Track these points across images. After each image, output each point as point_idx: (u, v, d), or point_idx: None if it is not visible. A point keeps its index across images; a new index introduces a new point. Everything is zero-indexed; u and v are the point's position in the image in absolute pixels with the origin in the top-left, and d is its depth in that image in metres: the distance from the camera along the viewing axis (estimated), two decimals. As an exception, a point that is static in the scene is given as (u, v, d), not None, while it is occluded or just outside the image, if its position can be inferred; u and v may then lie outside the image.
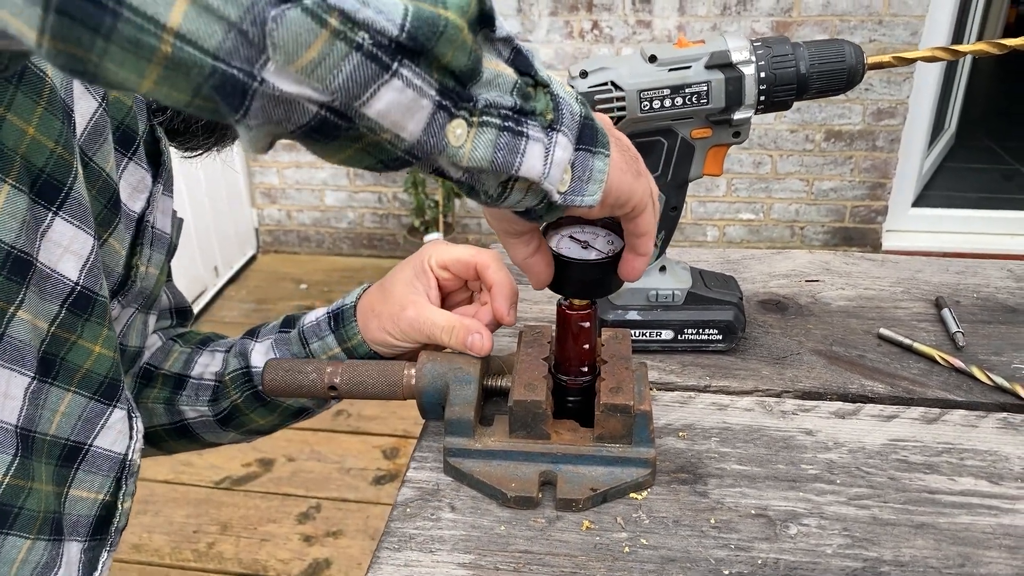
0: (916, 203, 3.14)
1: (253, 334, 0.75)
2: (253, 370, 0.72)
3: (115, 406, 0.57)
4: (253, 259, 3.27)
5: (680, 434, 0.68)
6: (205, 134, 0.64)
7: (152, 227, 0.62)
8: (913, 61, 0.68)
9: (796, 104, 3.17)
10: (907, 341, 0.77)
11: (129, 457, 0.59)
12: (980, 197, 3.33)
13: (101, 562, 0.57)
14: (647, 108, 0.68)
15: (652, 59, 0.68)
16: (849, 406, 0.70)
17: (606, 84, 0.67)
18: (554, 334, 0.65)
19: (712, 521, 0.58)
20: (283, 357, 0.69)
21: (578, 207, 0.44)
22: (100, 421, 0.56)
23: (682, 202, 0.74)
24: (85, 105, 0.52)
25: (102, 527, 0.58)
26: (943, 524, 0.58)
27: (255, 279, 3.15)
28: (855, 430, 0.67)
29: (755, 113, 0.68)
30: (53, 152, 0.48)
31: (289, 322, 0.74)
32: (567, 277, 0.57)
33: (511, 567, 0.55)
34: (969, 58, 3.52)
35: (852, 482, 0.62)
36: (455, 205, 3.00)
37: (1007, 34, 5.08)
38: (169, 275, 0.76)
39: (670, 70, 0.67)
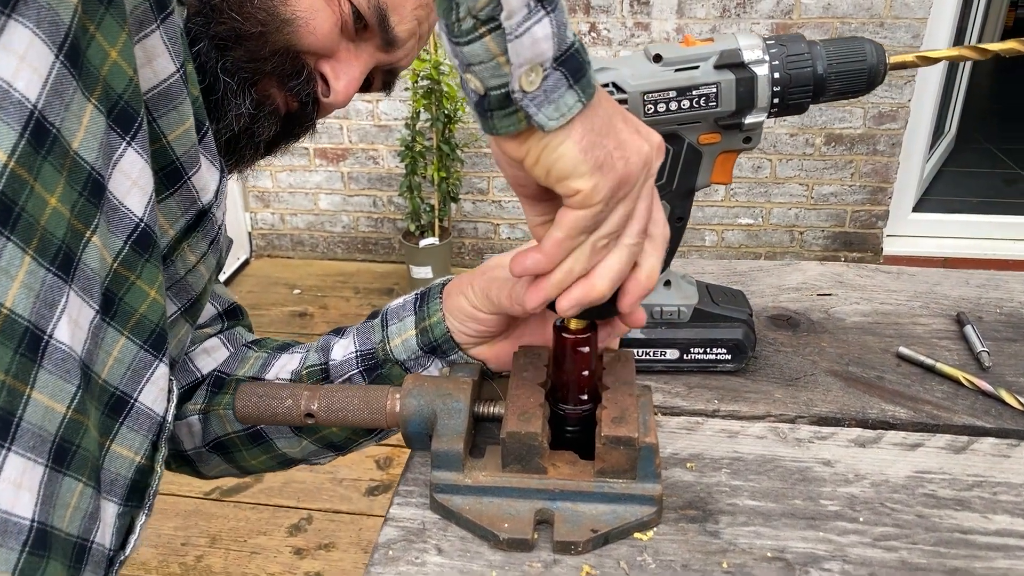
0: (916, 208, 3.09)
1: (339, 332, 0.73)
2: (331, 363, 0.69)
3: (161, 360, 0.55)
4: (246, 263, 3.23)
5: (688, 465, 0.62)
6: (225, 151, 0.63)
7: (218, 226, 0.61)
8: (938, 61, 0.63)
9: None
10: (929, 361, 0.72)
11: (167, 419, 0.58)
12: (981, 202, 3.29)
13: (139, 524, 0.56)
14: (651, 111, 0.63)
15: (657, 59, 0.63)
16: (869, 433, 0.65)
17: (607, 85, 0.62)
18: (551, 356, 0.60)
19: (724, 565, 0.53)
20: (258, 381, 0.64)
21: (531, 118, 0.42)
22: (146, 374, 0.54)
23: (688, 212, 0.69)
24: (162, 64, 0.51)
25: (136, 491, 0.56)
26: (978, 570, 0.53)
27: (248, 284, 3.10)
28: (877, 460, 0.62)
29: (768, 117, 0.63)
30: (132, 81, 0.48)
31: (376, 313, 0.71)
32: None
33: (504, 619, 0.49)
34: (970, 61, 3.48)
35: (877, 520, 0.57)
36: (451, 209, 2.95)
37: (1006, 37, 5.05)
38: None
39: (676, 70, 0.62)
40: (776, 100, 0.63)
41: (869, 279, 0.88)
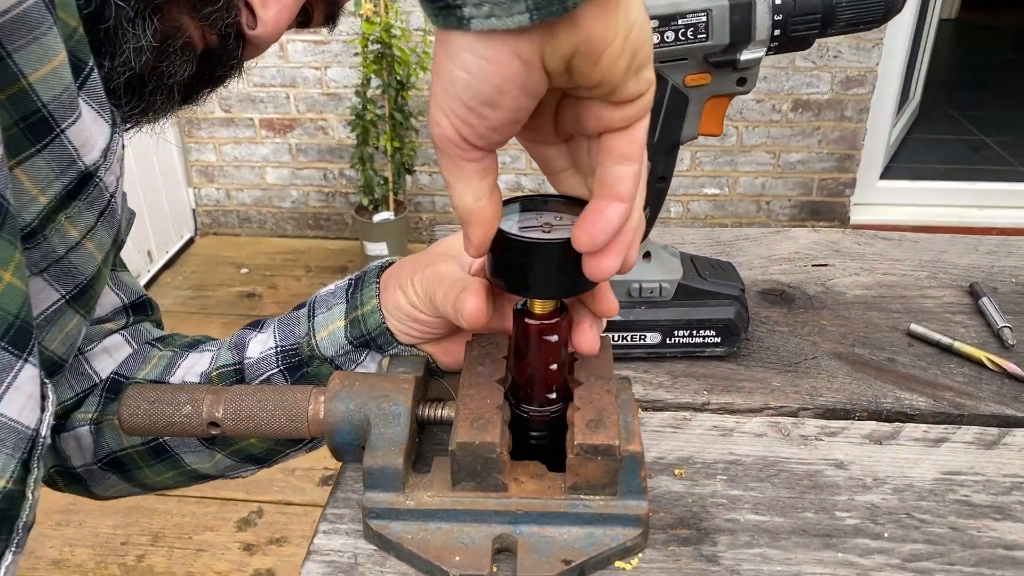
0: (883, 175, 3.04)
1: (256, 325, 0.62)
2: (247, 362, 0.58)
3: (27, 360, 0.43)
4: (191, 242, 3.07)
5: (676, 471, 0.52)
6: (127, 96, 0.51)
7: (109, 193, 0.49)
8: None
9: (763, 71, 2.97)
10: (946, 340, 0.63)
11: (41, 433, 0.46)
12: (947, 169, 3.25)
13: (4, 567, 0.45)
14: (628, 46, 0.52)
15: (634, -19, 0.51)
16: (885, 427, 0.56)
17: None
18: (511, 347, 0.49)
19: (727, 600, 0.43)
20: (147, 384, 0.52)
21: None
22: (7, 378, 0.43)
23: (671, 171, 0.58)
24: None
25: (3, 523, 0.44)
26: (1031, 595, 0.44)
27: (193, 264, 2.94)
28: (897, 460, 0.53)
29: (767, 53, 0.53)
30: None
31: (304, 304, 0.60)
32: (526, 264, 0.40)
33: None
34: (935, 26, 3.43)
35: (904, 535, 0.47)
36: (406, 182, 2.81)
37: None
38: (115, 263, 0.63)
39: (658, -5, 0.51)
40: (777, 32, 0.52)
41: (868, 247, 0.78)
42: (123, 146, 0.51)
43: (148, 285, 2.75)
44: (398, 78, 2.53)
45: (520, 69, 0.32)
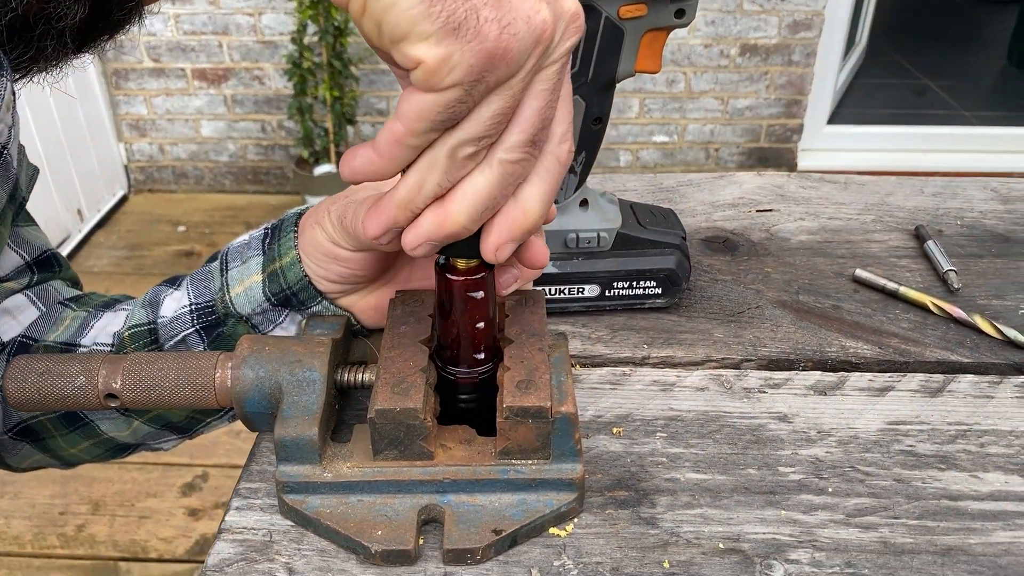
0: (830, 120, 3.05)
1: (172, 281, 0.57)
2: (160, 322, 0.53)
3: None
4: (124, 200, 2.94)
5: (614, 430, 0.50)
6: (11, 41, 0.45)
7: (1, 144, 0.45)
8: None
9: (710, 15, 2.91)
10: (891, 285, 0.61)
11: None
12: (893, 113, 3.27)
13: None
14: (557, -26, 0.47)
15: (563, -99, 0.47)
16: (830, 377, 0.54)
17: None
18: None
19: (666, 564, 0.41)
20: (36, 354, 0.48)
21: None
22: None
23: (607, 112, 0.54)
24: None
25: None
26: (975, 546, 0.42)
27: (127, 222, 2.82)
28: (842, 411, 0.51)
29: (707, -18, 0.49)
30: None
31: (216, 256, 0.56)
32: None
33: (375, 669, 0.36)
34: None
35: (849, 489, 0.45)
36: (347, 133, 2.72)
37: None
38: (17, 219, 0.58)
39: (589, -84, 0.47)
40: (717, -42, 0.48)
41: (813, 191, 0.76)
42: (14, 93, 0.45)
43: (80, 246, 2.64)
44: (336, 24, 2.43)
45: None
